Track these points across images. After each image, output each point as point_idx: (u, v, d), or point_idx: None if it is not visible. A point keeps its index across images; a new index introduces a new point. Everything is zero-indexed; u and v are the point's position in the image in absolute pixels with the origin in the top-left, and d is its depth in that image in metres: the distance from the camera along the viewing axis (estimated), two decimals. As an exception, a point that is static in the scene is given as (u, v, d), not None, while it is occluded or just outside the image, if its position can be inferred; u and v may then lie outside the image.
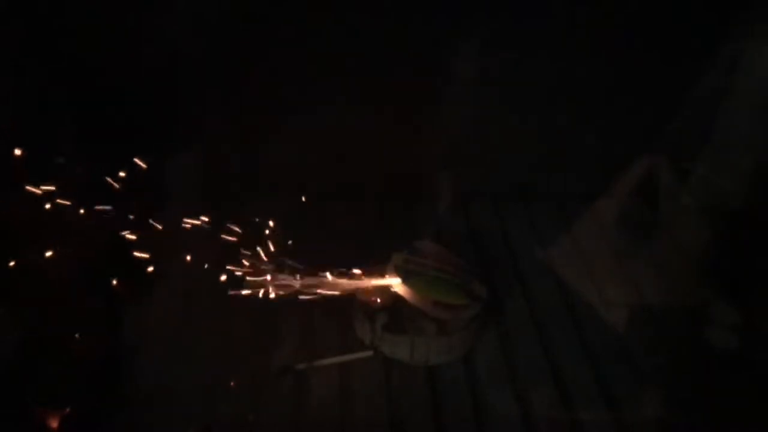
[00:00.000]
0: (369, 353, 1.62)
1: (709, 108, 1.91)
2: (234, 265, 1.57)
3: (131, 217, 1.58)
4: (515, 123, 2.05)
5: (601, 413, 1.51)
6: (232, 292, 1.53)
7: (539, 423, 1.49)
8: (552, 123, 2.05)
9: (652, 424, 1.52)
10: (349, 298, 1.64)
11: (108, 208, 1.55)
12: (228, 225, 1.62)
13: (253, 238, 1.61)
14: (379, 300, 1.63)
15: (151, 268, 1.58)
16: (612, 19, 1.86)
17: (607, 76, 1.96)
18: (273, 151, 1.99)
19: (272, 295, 1.56)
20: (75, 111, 1.80)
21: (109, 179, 1.60)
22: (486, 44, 1.90)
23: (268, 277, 1.56)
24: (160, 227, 1.60)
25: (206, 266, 1.58)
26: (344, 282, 1.60)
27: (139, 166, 1.65)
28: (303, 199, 1.88)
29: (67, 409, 1.43)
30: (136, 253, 1.56)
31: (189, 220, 1.61)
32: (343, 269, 1.62)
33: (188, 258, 1.61)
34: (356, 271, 1.62)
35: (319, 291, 1.57)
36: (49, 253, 1.49)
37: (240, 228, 1.63)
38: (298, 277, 1.56)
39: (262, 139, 1.98)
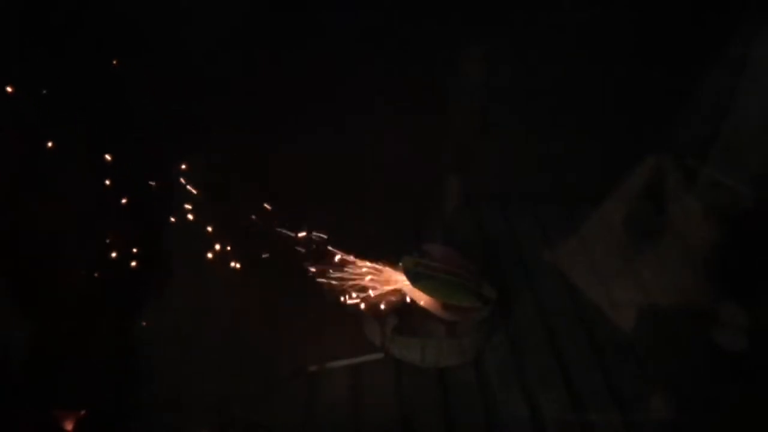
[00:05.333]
0: (380, 356, 1.63)
1: (717, 108, 1.91)
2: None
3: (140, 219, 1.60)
4: (522, 125, 2.05)
5: (610, 415, 1.52)
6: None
7: (549, 425, 1.50)
8: (559, 124, 2.05)
9: (663, 425, 1.53)
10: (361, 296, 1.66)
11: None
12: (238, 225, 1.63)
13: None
14: (388, 303, 1.64)
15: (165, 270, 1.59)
16: (615, 20, 1.86)
17: (613, 77, 1.96)
18: (277, 153, 1.99)
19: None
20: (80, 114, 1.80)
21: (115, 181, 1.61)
22: (492, 47, 1.91)
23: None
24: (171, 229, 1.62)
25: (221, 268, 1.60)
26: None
27: (146, 168, 1.66)
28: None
29: (83, 412, 1.44)
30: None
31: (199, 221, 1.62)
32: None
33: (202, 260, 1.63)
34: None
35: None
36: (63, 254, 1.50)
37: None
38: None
39: (265, 140, 1.98)
